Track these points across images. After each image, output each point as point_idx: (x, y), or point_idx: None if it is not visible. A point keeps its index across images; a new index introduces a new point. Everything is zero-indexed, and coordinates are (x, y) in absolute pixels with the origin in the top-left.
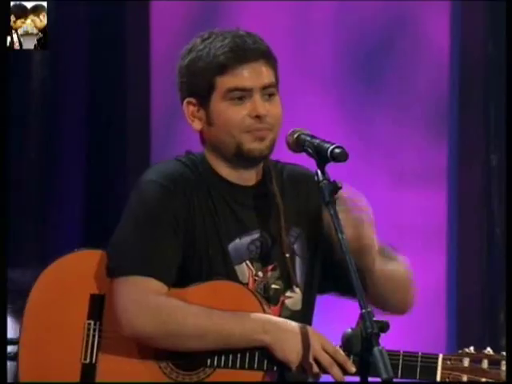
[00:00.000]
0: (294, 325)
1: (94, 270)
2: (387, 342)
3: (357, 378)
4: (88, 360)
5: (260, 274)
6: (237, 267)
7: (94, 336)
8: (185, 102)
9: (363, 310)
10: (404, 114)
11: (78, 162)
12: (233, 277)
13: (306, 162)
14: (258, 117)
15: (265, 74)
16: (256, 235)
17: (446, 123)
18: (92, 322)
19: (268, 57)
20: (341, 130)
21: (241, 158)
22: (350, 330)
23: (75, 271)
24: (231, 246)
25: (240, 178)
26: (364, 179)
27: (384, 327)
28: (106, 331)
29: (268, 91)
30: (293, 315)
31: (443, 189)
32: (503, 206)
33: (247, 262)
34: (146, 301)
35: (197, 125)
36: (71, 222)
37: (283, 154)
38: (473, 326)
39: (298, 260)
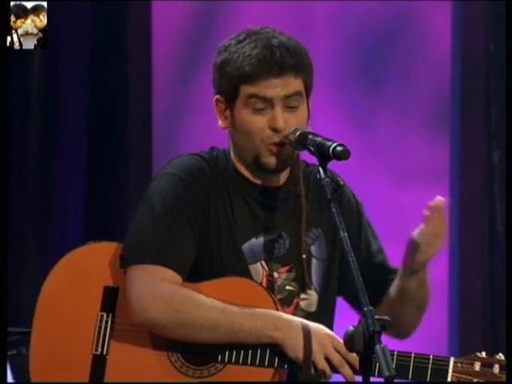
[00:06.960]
0: (305, 323)
1: (107, 262)
2: (389, 338)
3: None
4: (99, 351)
5: (275, 274)
6: (251, 266)
7: (105, 328)
8: (215, 98)
9: (365, 308)
10: (406, 112)
11: (78, 162)
12: (246, 276)
13: (308, 160)
14: (275, 130)
15: (290, 86)
16: (274, 235)
17: (448, 121)
18: (104, 314)
19: (298, 70)
20: (342, 129)
21: (259, 168)
22: (351, 327)
23: (89, 263)
24: (246, 245)
25: (262, 178)
26: (366, 178)
27: (386, 325)
28: (119, 323)
29: (291, 101)
30: (307, 317)
31: (445, 187)
32: (505, 203)
33: (262, 261)
34: (159, 289)
35: (223, 123)
36: (73, 221)
37: None
38: (474, 323)
39: (314, 262)
